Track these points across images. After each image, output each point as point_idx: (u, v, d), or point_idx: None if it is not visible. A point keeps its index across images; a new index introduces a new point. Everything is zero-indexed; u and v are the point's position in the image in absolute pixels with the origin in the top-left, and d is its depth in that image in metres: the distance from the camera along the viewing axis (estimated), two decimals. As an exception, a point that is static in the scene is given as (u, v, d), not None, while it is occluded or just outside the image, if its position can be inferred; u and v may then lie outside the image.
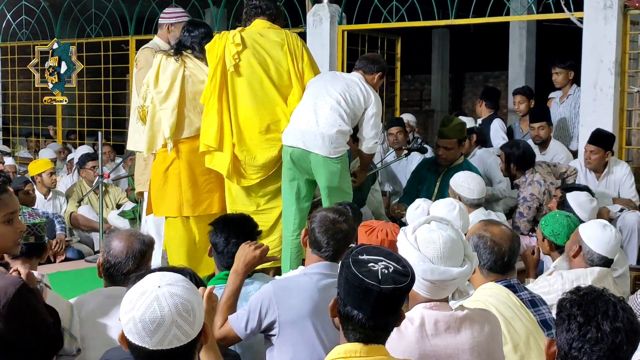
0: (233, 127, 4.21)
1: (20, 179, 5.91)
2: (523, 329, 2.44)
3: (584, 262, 3.13)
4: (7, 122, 9.19)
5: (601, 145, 5.00)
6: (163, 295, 1.64)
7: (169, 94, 4.24)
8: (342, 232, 2.66)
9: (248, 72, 4.20)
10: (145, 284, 1.68)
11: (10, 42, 8.66)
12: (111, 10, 7.89)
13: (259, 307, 2.55)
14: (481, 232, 2.58)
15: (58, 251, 5.33)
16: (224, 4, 7.16)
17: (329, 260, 2.65)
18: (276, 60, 4.23)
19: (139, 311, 1.63)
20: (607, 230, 3.13)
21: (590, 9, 5.23)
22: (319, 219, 2.69)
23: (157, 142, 4.30)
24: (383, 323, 1.80)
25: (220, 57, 4.15)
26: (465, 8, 5.92)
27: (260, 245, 2.75)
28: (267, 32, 4.28)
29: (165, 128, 4.23)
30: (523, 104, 6.42)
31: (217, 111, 4.16)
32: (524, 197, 4.87)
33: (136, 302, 1.64)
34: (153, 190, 4.39)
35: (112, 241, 2.68)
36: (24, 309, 2.21)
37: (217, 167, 4.25)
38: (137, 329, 1.63)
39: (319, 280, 2.59)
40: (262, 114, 4.21)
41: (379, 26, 6.41)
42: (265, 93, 4.22)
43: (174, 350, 1.64)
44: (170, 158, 4.30)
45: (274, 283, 2.63)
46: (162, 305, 1.63)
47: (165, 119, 4.23)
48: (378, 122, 4.26)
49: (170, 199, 4.31)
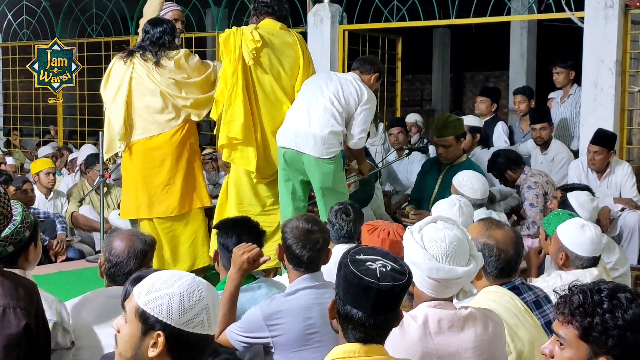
0: (256, 123, 4.20)
1: (20, 178, 5.91)
2: (527, 336, 2.41)
3: (574, 267, 3.07)
4: (8, 122, 9.19)
5: (604, 145, 4.99)
6: (201, 282, 1.71)
7: (115, 96, 4.30)
8: (318, 242, 2.58)
9: (264, 70, 4.21)
10: (178, 272, 1.73)
11: (11, 42, 8.67)
12: (112, 10, 7.90)
13: (249, 331, 2.53)
14: (485, 238, 2.53)
15: (59, 251, 5.33)
16: (225, 4, 7.16)
17: (310, 271, 2.58)
18: (288, 62, 4.25)
19: (179, 288, 1.66)
20: (587, 230, 3.05)
21: (591, 8, 5.23)
22: (292, 234, 2.58)
23: (114, 145, 4.37)
24: (382, 321, 1.80)
25: (239, 51, 4.13)
26: (466, 8, 5.92)
27: (250, 248, 2.67)
28: (279, 33, 4.30)
29: (114, 131, 4.30)
30: (523, 103, 6.41)
31: (242, 102, 4.12)
32: (528, 186, 4.89)
33: (175, 282, 1.68)
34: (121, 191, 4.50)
35: (114, 241, 2.68)
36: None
37: (237, 162, 4.22)
38: (208, 316, 1.66)
39: (308, 295, 2.54)
40: (273, 114, 4.23)
41: (380, 26, 6.41)
42: (276, 93, 4.24)
43: (195, 336, 1.65)
44: (126, 159, 4.36)
45: (261, 308, 2.54)
46: (201, 289, 1.68)
47: (115, 122, 4.29)
48: (367, 119, 4.22)
49: (127, 200, 4.40)
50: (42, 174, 6.01)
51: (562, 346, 1.71)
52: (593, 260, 3.09)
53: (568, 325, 1.70)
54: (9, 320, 2.12)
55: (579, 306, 1.68)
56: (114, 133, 4.33)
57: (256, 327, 2.51)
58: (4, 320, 2.11)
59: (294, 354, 2.50)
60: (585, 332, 1.67)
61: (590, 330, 1.66)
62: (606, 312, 1.65)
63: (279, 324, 2.49)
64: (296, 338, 2.49)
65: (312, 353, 2.46)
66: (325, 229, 2.69)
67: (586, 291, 1.70)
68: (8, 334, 2.11)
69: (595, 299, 1.67)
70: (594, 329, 1.65)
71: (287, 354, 2.50)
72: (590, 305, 1.67)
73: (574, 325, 1.68)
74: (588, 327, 1.66)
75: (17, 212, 2.46)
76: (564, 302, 1.72)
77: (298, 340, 2.49)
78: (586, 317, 1.66)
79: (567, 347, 1.70)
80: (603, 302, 1.66)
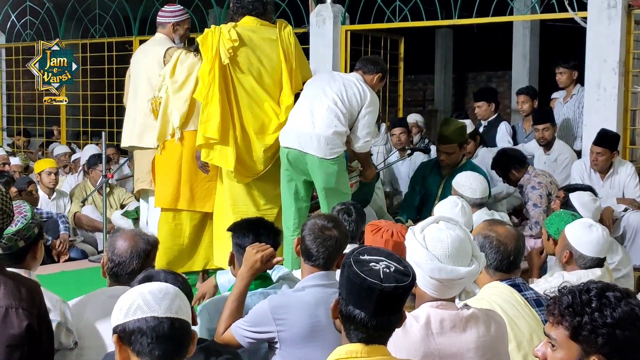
0: (236, 122, 4.20)
1: (24, 179, 5.92)
2: (527, 327, 2.44)
3: (578, 267, 3.07)
4: (12, 123, 9.21)
5: (608, 146, 4.98)
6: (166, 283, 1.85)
7: (184, 84, 4.29)
8: (332, 239, 2.59)
9: (242, 69, 4.20)
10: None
11: (15, 42, 8.68)
12: (115, 11, 7.91)
13: (255, 325, 2.53)
14: (486, 231, 2.58)
15: (62, 251, 5.33)
16: (227, 4, 7.16)
17: (322, 268, 2.59)
18: (269, 58, 4.23)
19: (147, 287, 1.74)
20: (594, 230, 3.05)
21: (594, 8, 5.22)
22: (309, 227, 2.63)
23: (167, 132, 4.33)
24: (385, 322, 1.80)
25: (216, 50, 4.14)
26: (468, 8, 5.92)
27: (264, 247, 2.70)
28: (259, 29, 4.28)
29: (175, 117, 4.27)
30: (526, 104, 6.41)
31: (218, 102, 4.12)
32: (532, 187, 4.88)
33: (144, 286, 1.77)
34: (156, 180, 4.43)
35: (117, 241, 2.68)
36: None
37: (216, 161, 4.20)
38: (145, 300, 1.71)
39: (317, 293, 2.54)
40: (256, 112, 4.22)
41: (382, 26, 6.41)
42: (256, 91, 4.22)
43: (180, 323, 1.70)
44: (175, 149, 4.31)
45: (270, 300, 2.57)
46: (166, 284, 1.81)
47: (177, 108, 4.26)
48: (371, 121, 4.23)
49: (166, 189, 4.34)
50: (44, 174, 6.02)
51: (553, 347, 1.71)
52: (597, 262, 3.08)
53: (558, 326, 1.70)
54: (11, 321, 2.12)
55: (568, 306, 1.68)
56: (169, 120, 4.30)
57: (263, 321, 2.51)
58: (6, 320, 2.11)
59: (298, 350, 2.49)
60: (575, 331, 1.67)
61: (580, 330, 1.66)
62: (595, 310, 1.65)
63: (286, 318, 2.50)
64: (301, 334, 2.49)
65: (316, 351, 2.45)
66: (343, 231, 2.68)
67: (575, 291, 1.70)
68: (10, 334, 2.11)
69: (583, 299, 1.67)
70: (583, 328, 1.66)
71: (291, 350, 2.50)
72: (579, 304, 1.67)
73: (564, 325, 1.69)
74: (577, 326, 1.66)
75: (26, 209, 2.56)
76: (553, 303, 1.72)
77: (303, 337, 2.49)
78: (575, 317, 1.67)
79: (558, 348, 1.70)
80: (591, 301, 1.66)
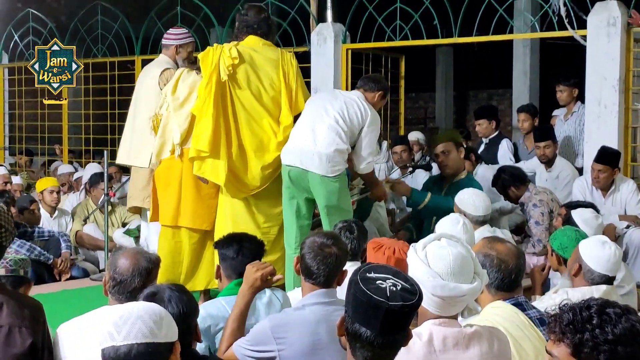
0: (233, 138, 4.21)
1: (26, 198, 5.93)
2: (532, 348, 2.41)
3: (585, 281, 3.06)
4: (14, 142, 9.24)
5: (609, 163, 4.99)
6: (137, 305, 1.82)
7: (185, 101, 4.31)
8: (332, 256, 2.59)
9: (242, 86, 4.23)
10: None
11: (18, 62, 8.73)
12: (117, 30, 7.96)
13: (256, 344, 2.52)
14: (487, 250, 2.56)
15: (63, 269, 5.32)
16: (229, 23, 7.21)
17: (323, 286, 2.59)
18: (269, 77, 4.26)
19: (117, 312, 1.76)
20: (607, 247, 3.05)
21: (594, 26, 5.26)
22: (308, 245, 2.63)
23: (166, 149, 4.33)
24: (391, 341, 1.79)
25: (215, 66, 4.17)
26: (468, 26, 5.95)
27: (264, 265, 2.72)
28: (262, 49, 4.33)
29: (176, 134, 4.27)
30: (527, 121, 6.42)
31: (212, 116, 4.15)
32: (534, 204, 4.88)
33: (115, 310, 1.80)
34: (154, 197, 4.42)
35: (119, 259, 2.67)
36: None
37: (207, 175, 4.20)
38: (108, 330, 1.72)
39: (318, 310, 2.53)
40: (254, 129, 4.24)
41: (383, 45, 6.45)
42: (257, 109, 4.25)
43: (142, 348, 1.68)
44: (176, 166, 4.31)
45: (270, 319, 2.57)
46: (132, 307, 1.79)
47: (178, 125, 4.27)
48: (373, 141, 4.25)
49: (167, 206, 4.33)
50: (46, 192, 6.03)
51: None
52: (605, 279, 3.07)
53: (560, 344, 1.69)
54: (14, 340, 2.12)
55: (569, 324, 1.68)
56: (169, 138, 4.32)
57: (264, 339, 2.50)
58: (9, 339, 2.11)
59: None
60: (576, 349, 1.66)
61: (582, 347, 1.65)
62: (596, 327, 1.65)
63: (286, 337, 2.48)
64: (303, 352, 2.47)
65: None
66: (343, 248, 2.68)
67: (575, 309, 1.69)
68: (13, 354, 2.11)
69: (584, 316, 1.67)
70: (584, 345, 1.65)
71: None
72: (580, 321, 1.67)
73: (566, 343, 1.68)
74: (579, 343, 1.65)
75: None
76: (554, 320, 1.72)
77: (305, 355, 2.47)
78: (576, 334, 1.66)
79: None
80: (592, 318, 1.66)
